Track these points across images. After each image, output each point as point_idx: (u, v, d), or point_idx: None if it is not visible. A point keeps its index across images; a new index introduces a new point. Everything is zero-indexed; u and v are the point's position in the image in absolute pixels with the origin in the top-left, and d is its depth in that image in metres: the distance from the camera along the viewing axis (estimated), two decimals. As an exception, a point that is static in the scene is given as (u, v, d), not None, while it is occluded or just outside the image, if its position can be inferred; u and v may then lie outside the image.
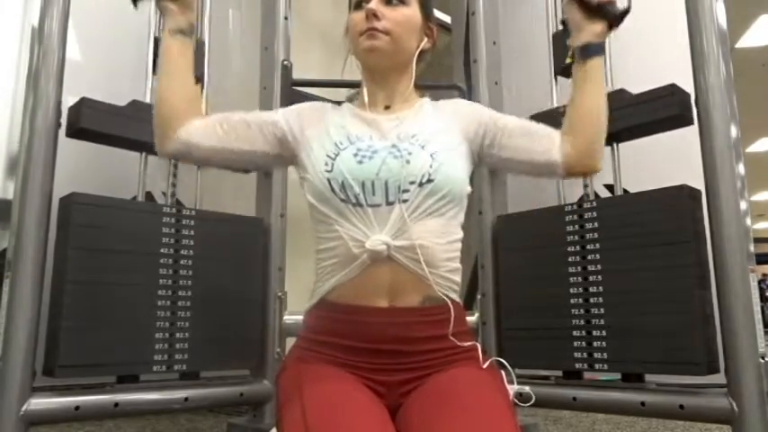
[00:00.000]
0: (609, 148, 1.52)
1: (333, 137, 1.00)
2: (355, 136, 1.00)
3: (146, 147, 1.49)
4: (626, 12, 1.02)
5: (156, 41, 1.61)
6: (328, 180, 0.94)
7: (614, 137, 1.49)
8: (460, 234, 1.01)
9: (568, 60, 1.20)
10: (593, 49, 1.04)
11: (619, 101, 1.46)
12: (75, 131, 1.40)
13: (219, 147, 1.04)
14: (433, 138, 0.99)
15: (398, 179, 0.93)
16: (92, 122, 1.40)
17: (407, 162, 0.94)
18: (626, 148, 1.53)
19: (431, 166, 0.94)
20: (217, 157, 1.05)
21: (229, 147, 1.04)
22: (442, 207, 0.95)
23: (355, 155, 0.96)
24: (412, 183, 0.93)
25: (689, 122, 1.37)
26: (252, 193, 1.83)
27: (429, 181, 0.93)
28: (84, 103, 1.40)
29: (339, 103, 1.13)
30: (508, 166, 1.11)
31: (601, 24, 1.03)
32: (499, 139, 1.06)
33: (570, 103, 1.08)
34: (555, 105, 1.68)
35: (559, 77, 1.70)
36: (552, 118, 1.57)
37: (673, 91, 1.38)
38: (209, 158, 1.06)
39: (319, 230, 0.99)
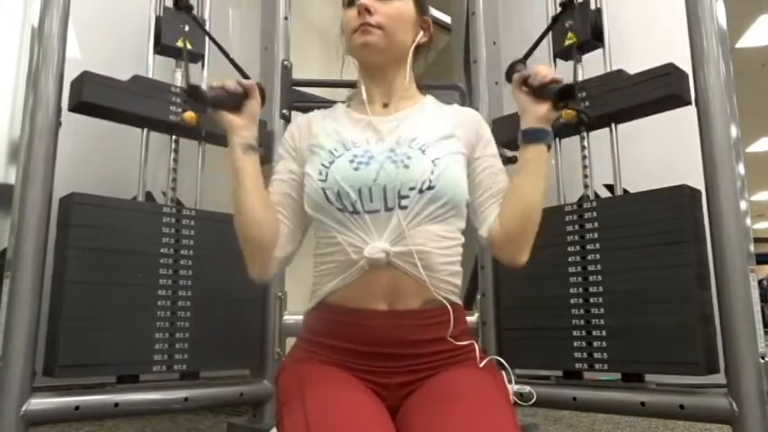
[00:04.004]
0: (607, 129, 1.51)
1: (326, 145, 0.98)
2: (351, 142, 0.98)
3: (147, 122, 1.49)
4: (567, 90, 0.91)
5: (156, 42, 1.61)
6: (323, 189, 0.93)
7: (612, 117, 1.49)
8: (461, 239, 0.99)
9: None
10: (534, 135, 0.96)
11: (616, 81, 1.46)
12: (77, 105, 1.39)
13: (296, 234, 1.02)
14: (435, 142, 0.97)
15: (396, 185, 0.91)
16: (94, 96, 1.38)
17: (406, 167, 0.92)
18: (625, 148, 1.52)
19: (432, 173, 0.92)
20: (300, 237, 1.04)
21: (299, 226, 1.02)
22: (443, 213, 0.93)
23: (351, 161, 0.94)
24: (411, 189, 0.91)
25: (686, 102, 1.35)
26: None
27: (430, 188, 0.91)
28: (86, 76, 1.38)
29: (332, 103, 1.11)
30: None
31: (544, 106, 0.94)
32: (472, 170, 1.02)
33: (510, 183, 1.01)
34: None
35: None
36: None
37: (669, 70, 1.36)
38: (296, 248, 1.04)
39: (319, 235, 0.98)
